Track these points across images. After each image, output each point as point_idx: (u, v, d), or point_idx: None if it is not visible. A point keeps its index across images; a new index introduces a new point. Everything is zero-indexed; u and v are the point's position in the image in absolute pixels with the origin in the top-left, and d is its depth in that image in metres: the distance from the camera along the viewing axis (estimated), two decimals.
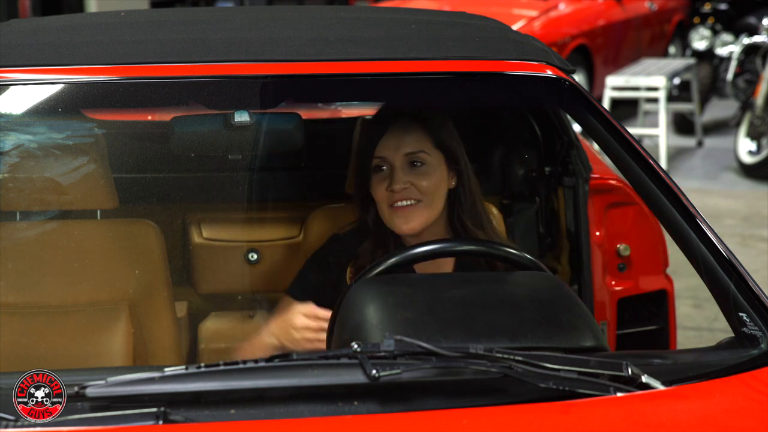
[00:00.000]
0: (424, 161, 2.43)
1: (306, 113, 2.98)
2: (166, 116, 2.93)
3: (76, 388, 1.61)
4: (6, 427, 1.57)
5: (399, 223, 2.42)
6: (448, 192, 2.49)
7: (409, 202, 2.42)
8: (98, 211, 2.72)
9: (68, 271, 2.62)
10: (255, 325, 2.99)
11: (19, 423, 1.58)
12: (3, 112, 2.41)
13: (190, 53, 2.33)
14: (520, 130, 3.23)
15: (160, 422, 1.58)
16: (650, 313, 3.18)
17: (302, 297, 2.39)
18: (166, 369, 1.66)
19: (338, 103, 3.56)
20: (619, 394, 1.70)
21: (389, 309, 1.91)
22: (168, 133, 2.74)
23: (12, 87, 2.30)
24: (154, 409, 1.60)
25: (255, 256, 3.12)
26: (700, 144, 9.25)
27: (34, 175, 2.63)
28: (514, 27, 3.41)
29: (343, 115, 3.64)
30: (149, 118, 3.35)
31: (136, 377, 1.64)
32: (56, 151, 2.65)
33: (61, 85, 2.29)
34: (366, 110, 3.10)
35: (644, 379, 1.73)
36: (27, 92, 2.33)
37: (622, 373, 1.72)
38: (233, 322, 3.04)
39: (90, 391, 1.61)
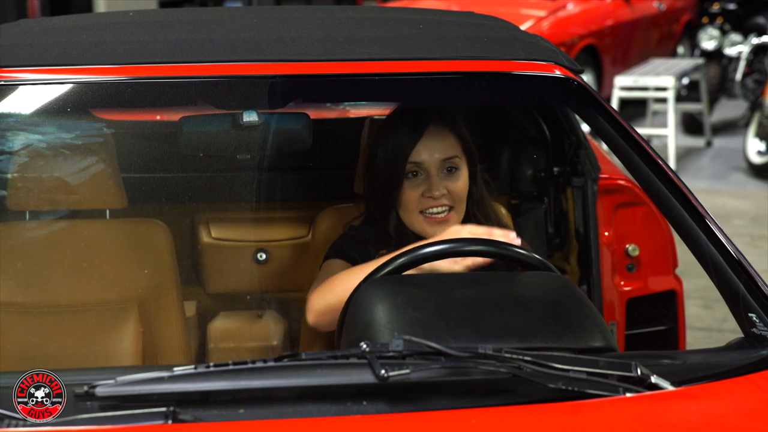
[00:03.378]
0: (457, 166, 2.42)
1: (314, 113, 2.98)
2: (174, 116, 2.94)
3: (85, 388, 1.61)
4: (16, 426, 1.58)
5: (434, 230, 2.37)
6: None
7: (443, 209, 2.39)
8: (107, 211, 2.73)
9: (77, 270, 2.63)
10: (263, 325, 3.00)
11: (28, 422, 1.58)
12: (12, 111, 2.42)
13: (198, 53, 2.33)
14: (529, 130, 3.22)
15: (170, 422, 1.58)
16: (659, 314, 3.17)
17: (347, 257, 2.36)
18: (175, 368, 1.66)
19: (346, 103, 3.56)
20: (628, 395, 1.70)
21: (398, 309, 1.91)
22: (176, 132, 2.74)
23: (21, 87, 2.31)
24: (164, 409, 1.60)
25: (264, 256, 3.12)
26: (708, 144, 9.23)
27: (43, 175, 2.64)
28: (522, 27, 3.40)
29: (352, 115, 3.64)
30: (158, 117, 3.35)
31: (145, 377, 1.64)
32: (65, 151, 2.66)
33: (70, 85, 2.29)
34: (374, 110, 3.10)
35: (653, 379, 1.73)
36: (36, 92, 2.33)
37: (632, 374, 1.72)
38: (242, 322, 3.04)
39: (99, 391, 1.61)
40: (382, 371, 1.63)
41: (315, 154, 3.07)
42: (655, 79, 8.42)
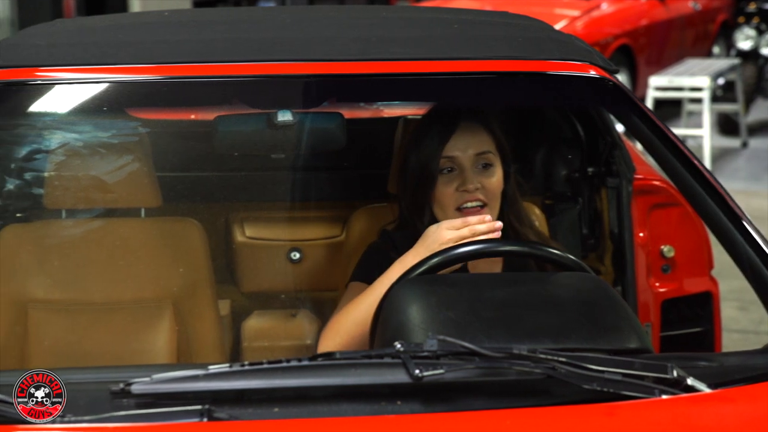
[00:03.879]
0: (491, 162, 2.40)
1: (348, 113, 2.98)
2: (209, 115, 2.95)
3: (121, 385, 1.62)
4: (52, 423, 1.59)
5: None
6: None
7: (477, 203, 2.38)
8: (142, 210, 2.74)
9: (113, 268, 2.64)
10: (297, 324, 3.00)
11: (65, 419, 1.59)
12: (49, 111, 2.44)
13: (233, 53, 2.33)
14: (563, 131, 3.21)
15: (205, 419, 1.59)
16: (695, 315, 3.15)
17: (369, 280, 2.33)
18: (211, 367, 1.66)
19: (380, 103, 3.57)
20: (664, 397, 1.69)
21: (432, 309, 1.91)
22: (211, 132, 2.75)
23: (58, 86, 2.33)
24: (199, 407, 1.60)
25: (297, 255, 3.13)
26: (744, 145, 9.16)
27: (79, 174, 2.66)
28: (556, 27, 3.40)
29: (385, 115, 3.64)
30: (192, 117, 3.37)
31: (180, 375, 1.64)
32: (101, 150, 2.68)
33: (106, 84, 2.31)
34: (408, 110, 3.10)
35: (690, 381, 1.71)
36: (72, 91, 2.35)
37: (667, 376, 1.70)
38: (276, 321, 3.05)
39: (135, 388, 1.62)
40: (417, 371, 1.63)
41: (349, 154, 3.07)
42: (690, 79, 8.37)
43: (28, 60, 2.33)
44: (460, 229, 2.20)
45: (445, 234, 2.21)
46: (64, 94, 2.36)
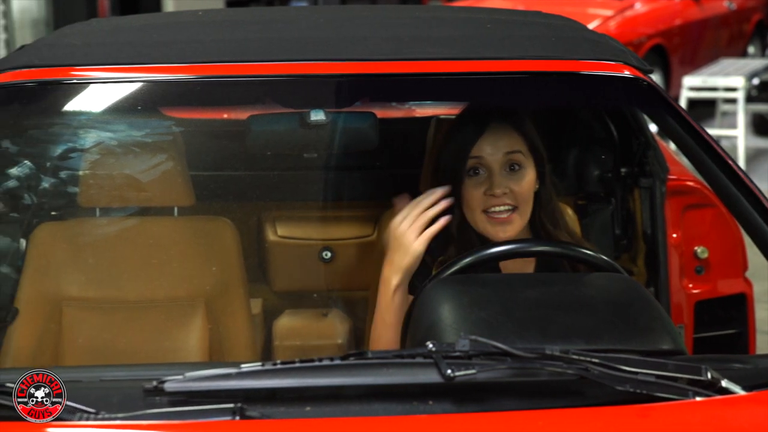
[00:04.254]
0: (521, 164, 2.36)
1: (380, 112, 2.98)
2: (242, 115, 2.96)
3: (154, 383, 1.63)
4: (87, 420, 1.60)
5: (496, 231, 2.33)
6: (534, 195, 2.44)
7: (506, 208, 2.34)
8: (175, 208, 2.76)
9: (146, 267, 2.66)
10: (328, 323, 3.01)
11: (99, 416, 1.60)
12: (84, 110, 2.46)
13: (266, 52, 2.34)
14: (596, 130, 3.20)
15: (237, 418, 1.59)
16: (728, 317, 3.13)
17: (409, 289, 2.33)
18: (243, 365, 1.66)
19: (413, 103, 3.56)
20: (698, 399, 1.67)
21: (464, 309, 1.90)
22: (244, 131, 2.76)
23: (93, 85, 2.34)
24: (231, 405, 1.61)
25: (329, 255, 3.13)
26: None
27: (113, 172, 2.68)
28: (589, 26, 3.38)
29: (417, 115, 3.63)
30: (225, 116, 3.38)
31: (213, 373, 1.65)
32: (135, 149, 2.70)
33: (140, 84, 2.32)
34: (440, 110, 3.10)
35: (724, 383, 1.70)
36: (107, 90, 2.37)
37: (701, 378, 1.69)
38: (307, 320, 3.05)
39: (168, 386, 1.62)
40: (449, 371, 1.63)
41: (381, 153, 3.07)
42: (724, 79, 8.31)
43: (63, 59, 2.35)
44: (415, 221, 2.22)
45: (406, 234, 2.23)
46: (99, 94, 2.37)
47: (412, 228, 2.24)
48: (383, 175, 3.22)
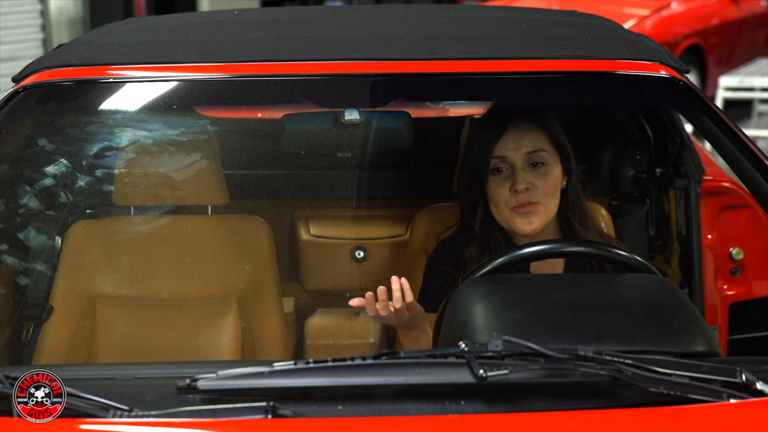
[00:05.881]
0: (544, 161, 2.39)
1: (415, 112, 2.98)
2: (277, 114, 2.97)
3: (187, 381, 1.64)
4: (120, 417, 1.61)
5: (521, 223, 2.37)
6: (561, 192, 2.45)
7: (529, 201, 2.38)
8: (209, 207, 2.77)
9: (180, 265, 2.67)
10: (360, 323, 3.01)
11: (133, 413, 1.61)
12: (120, 108, 2.47)
13: (301, 51, 2.35)
14: (631, 131, 3.18)
15: (269, 416, 1.60)
16: (764, 319, 3.10)
17: (431, 309, 2.34)
18: (276, 364, 1.67)
19: (447, 102, 3.56)
20: (732, 401, 1.66)
21: (496, 309, 1.90)
22: (279, 130, 2.77)
23: (129, 84, 2.36)
24: (263, 403, 1.61)
25: (362, 254, 3.13)
26: None
27: (148, 171, 2.69)
28: (625, 26, 3.36)
29: (452, 114, 3.63)
30: (260, 115, 3.39)
31: (246, 371, 1.66)
32: (170, 148, 2.71)
33: (176, 83, 2.33)
34: (474, 109, 3.09)
35: (759, 386, 1.68)
36: (143, 89, 2.38)
37: (736, 380, 1.68)
38: (339, 319, 3.05)
39: (201, 384, 1.63)
40: (481, 371, 1.63)
41: (415, 153, 3.07)
42: (761, 79, 8.23)
43: (100, 59, 2.37)
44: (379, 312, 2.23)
45: (385, 320, 2.26)
46: (135, 93, 2.39)
47: (382, 315, 2.23)
48: (417, 174, 3.23)
